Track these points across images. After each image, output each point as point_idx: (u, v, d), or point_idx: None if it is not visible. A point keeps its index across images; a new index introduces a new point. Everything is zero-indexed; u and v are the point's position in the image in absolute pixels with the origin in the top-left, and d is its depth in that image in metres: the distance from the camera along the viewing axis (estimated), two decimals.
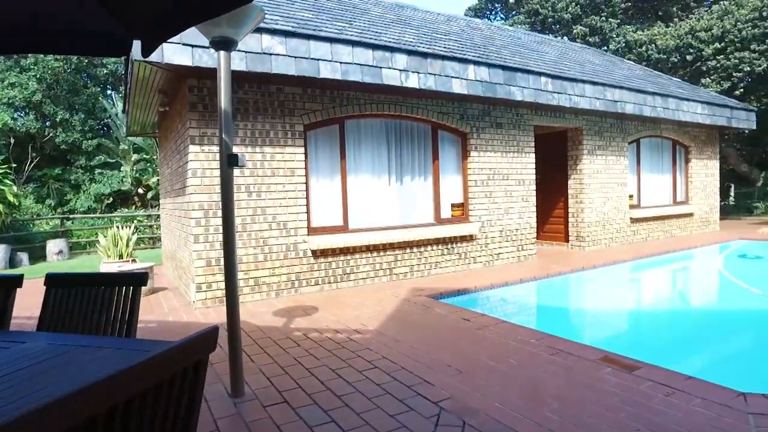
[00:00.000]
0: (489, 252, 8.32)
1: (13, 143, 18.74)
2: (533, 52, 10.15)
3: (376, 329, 4.74)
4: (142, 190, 19.71)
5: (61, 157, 20.72)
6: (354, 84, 6.40)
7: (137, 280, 2.43)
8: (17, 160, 18.58)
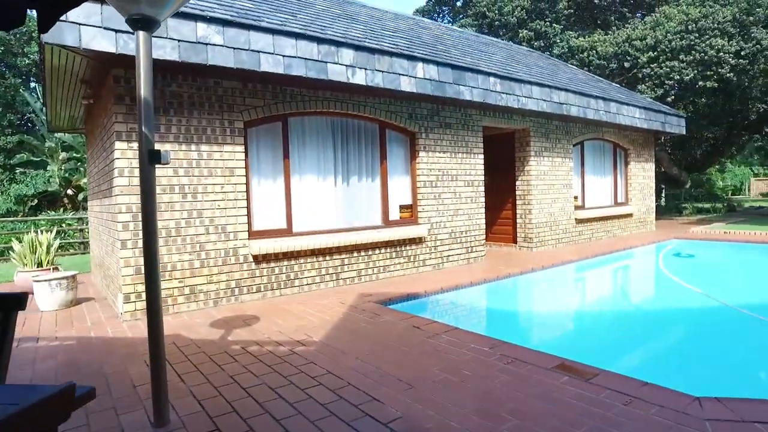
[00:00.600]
0: (438, 254, 8.17)
1: None
2: (482, 53, 10.13)
3: (321, 340, 4.42)
4: (71, 191, 18.35)
5: None
6: (298, 79, 6.06)
7: (12, 302, 1.84)
8: None
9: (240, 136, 6.10)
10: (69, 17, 4.39)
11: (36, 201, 17.80)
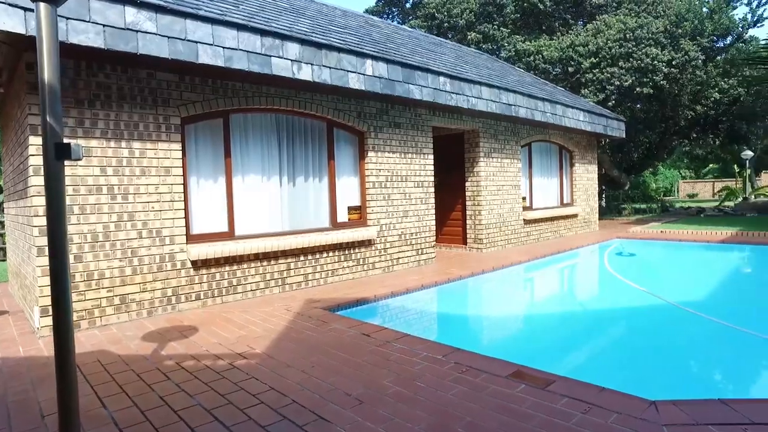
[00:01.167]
0: (388, 257, 7.98)
1: None
2: (432, 52, 10.04)
3: (265, 352, 4.10)
4: None
5: None
6: (240, 73, 5.69)
7: None
8: None
9: (177, 133, 5.66)
10: None
11: None
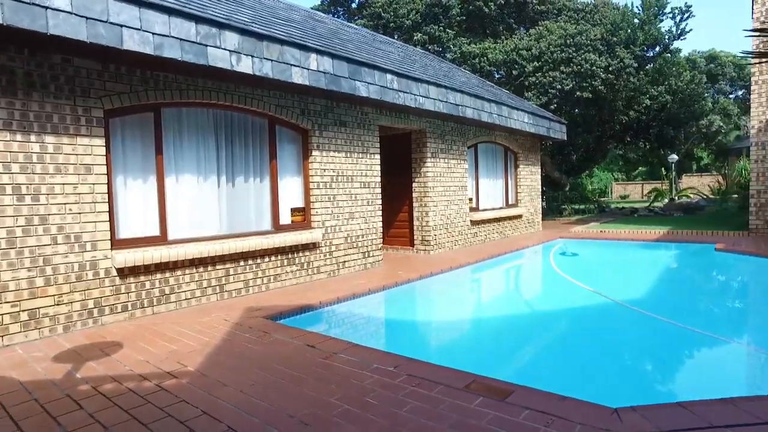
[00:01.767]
0: (334, 260, 7.66)
1: None
2: (379, 50, 9.81)
3: (198, 370, 3.69)
4: None
5: None
6: (172, 63, 5.20)
7: None
8: None
9: (99, 127, 5.10)
10: None
11: None
